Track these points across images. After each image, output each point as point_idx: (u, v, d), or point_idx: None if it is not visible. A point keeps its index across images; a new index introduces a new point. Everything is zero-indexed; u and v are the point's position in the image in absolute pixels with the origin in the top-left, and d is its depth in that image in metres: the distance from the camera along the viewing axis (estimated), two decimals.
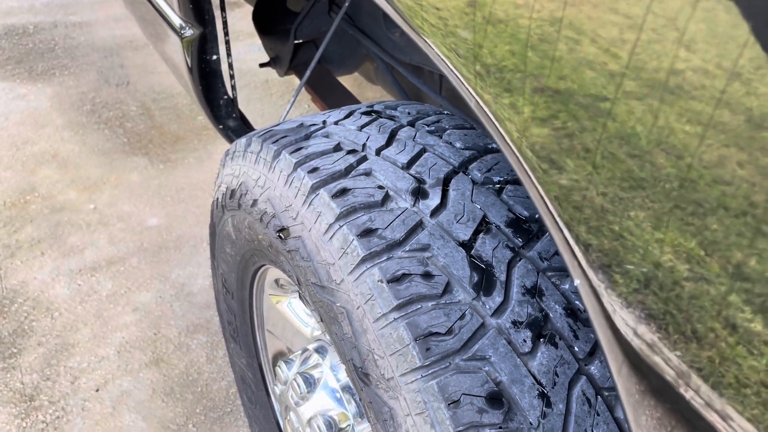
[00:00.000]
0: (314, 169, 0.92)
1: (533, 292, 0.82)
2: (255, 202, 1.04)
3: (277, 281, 1.28)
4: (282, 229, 0.95)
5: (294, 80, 3.21)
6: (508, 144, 0.66)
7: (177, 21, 1.31)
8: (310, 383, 1.16)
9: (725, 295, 0.48)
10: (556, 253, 0.87)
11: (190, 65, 1.35)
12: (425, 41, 0.77)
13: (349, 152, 0.95)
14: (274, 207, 0.98)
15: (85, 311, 2.05)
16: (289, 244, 0.95)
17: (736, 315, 0.47)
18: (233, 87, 1.50)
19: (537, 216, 0.89)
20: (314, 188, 0.90)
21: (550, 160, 0.60)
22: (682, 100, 0.47)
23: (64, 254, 2.24)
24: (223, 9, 1.40)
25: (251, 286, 1.34)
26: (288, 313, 1.30)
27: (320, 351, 1.20)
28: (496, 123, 0.66)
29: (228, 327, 1.51)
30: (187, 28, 1.29)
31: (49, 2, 3.86)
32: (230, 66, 1.43)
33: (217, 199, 1.24)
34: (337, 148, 0.96)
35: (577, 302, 0.84)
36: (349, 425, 1.11)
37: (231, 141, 1.58)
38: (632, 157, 0.52)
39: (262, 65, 1.97)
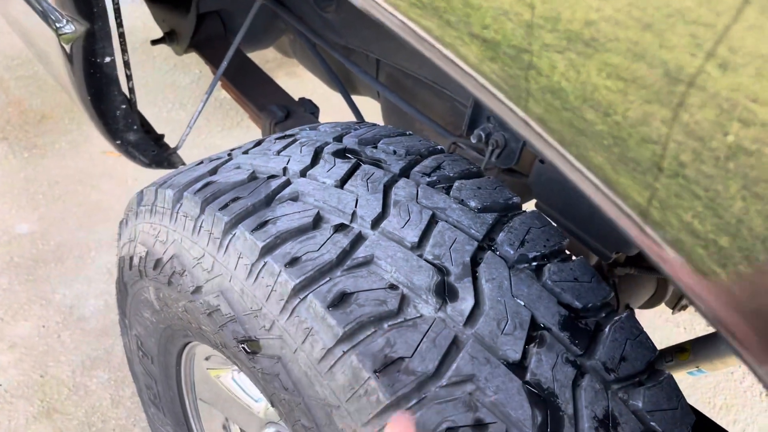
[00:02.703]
0: (294, 260, 0.65)
1: (606, 423, 0.63)
2: (198, 289, 0.75)
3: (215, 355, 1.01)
4: (249, 341, 0.69)
5: None
6: (464, 67, 0.62)
7: (52, 12, 0.94)
8: None
9: None
10: (623, 358, 0.67)
11: (73, 72, 0.99)
12: None
13: (337, 228, 0.68)
14: (232, 307, 0.70)
15: None
16: (261, 363, 0.68)
17: None
18: (131, 90, 1.15)
19: (590, 304, 0.69)
20: (297, 291, 0.64)
21: (515, 91, 0.57)
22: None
23: None
24: None
25: (179, 356, 1.06)
26: (232, 388, 1.04)
27: None
28: (444, 49, 0.63)
29: (146, 391, 1.22)
30: (66, 21, 0.93)
31: None
32: (126, 64, 1.07)
33: (130, 258, 0.93)
34: (319, 220, 0.69)
35: (653, 423, 0.65)
36: None
37: (132, 157, 1.24)
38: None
39: (154, 42, 1.60)
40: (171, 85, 2.59)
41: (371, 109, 1.68)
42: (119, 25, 1.04)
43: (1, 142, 2.23)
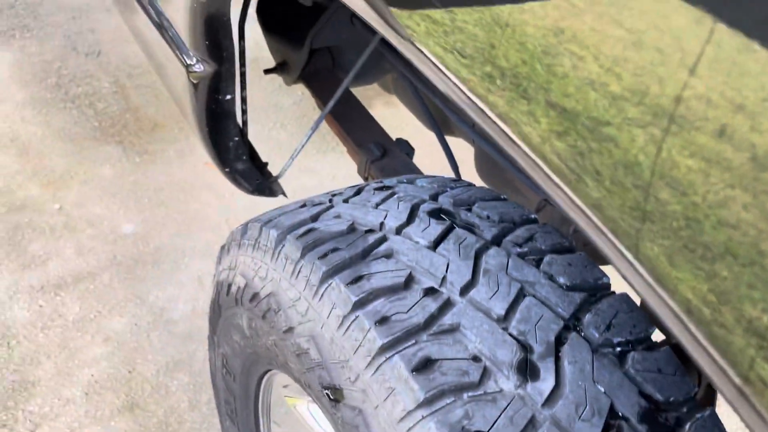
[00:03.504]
0: (383, 319, 0.69)
1: None
2: (291, 330, 0.80)
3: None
4: (333, 389, 0.73)
5: None
6: (523, 147, 0.63)
7: (184, 49, 1.04)
8: None
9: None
10: None
11: (196, 104, 1.08)
12: (413, 46, 0.73)
13: (427, 292, 0.72)
14: (321, 353, 0.74)
15: (47, 340, 1.79)
16: (342, 412, 0.72)
17: None
18: (245, 123, 1.23)
19: (672, 398, 0.68)
20: (383, 349, 0.67)
21: (575, 173, 0.57)
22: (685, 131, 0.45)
23: (24, 266, 1.96)
24: (242, 37, 1.13)
25: (260, 379, 1.11)
26: (306, 417, 1.08)
27: None
28: (506, 126, 0.63)
29: (225, 405, 1.29)
30: (198, 62, 1.02)
31: None
32: (243, 100, 1.16)
33: (228, 284, 1.00)
34: (410, 281, 0.73)
35: None
36: None
37: (237, 184, 1.33)
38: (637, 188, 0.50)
39: (267, 72, 1.69)
40: (274, 106, 2.71)
41: (462, 146, 1.70)
42: (242, 65, 1.13)
43: (117, 146, 2.41)
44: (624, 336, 0.71)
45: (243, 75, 1.14)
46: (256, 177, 1.31)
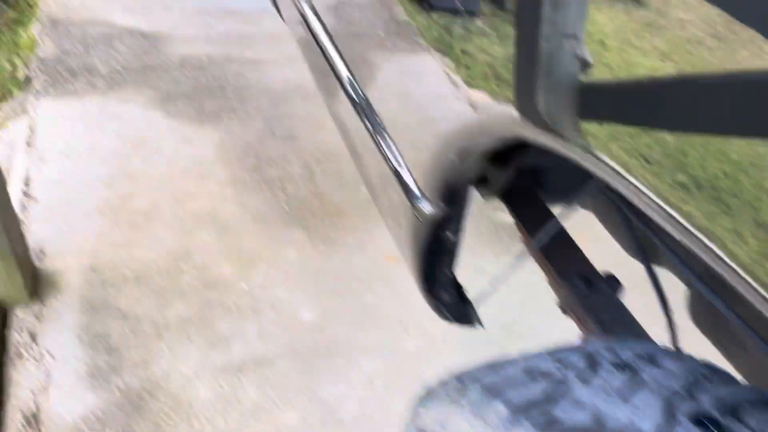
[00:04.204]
0: None
1: None
2: None
3: None
4: None
5: None
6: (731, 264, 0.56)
7: (416, 191, 1.04)
8: None
9: None
10: None
11: (415, 238, 1.07)
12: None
13: None
14: None
15: (225, 424, 1.84)
16: None
17: None
18: (456, 256, 1.21)
19: None
20: None
21: None
22: None
23: (212, 344, 2.06)
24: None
25: None
26: None
27: None
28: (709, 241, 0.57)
29: None
30: (427, 201, 1.01)
31: (227, 32, 3.81)
32: (459, 242, 1.14)
33: None
34: None
35: None
36: None
37: (438, 312, 1.30)
38: None
39: None
40: None
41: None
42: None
43: (302, 230, 2.51)
44: None
45: (465, 218, 1.12)
46: (458, 307, 1.27)
